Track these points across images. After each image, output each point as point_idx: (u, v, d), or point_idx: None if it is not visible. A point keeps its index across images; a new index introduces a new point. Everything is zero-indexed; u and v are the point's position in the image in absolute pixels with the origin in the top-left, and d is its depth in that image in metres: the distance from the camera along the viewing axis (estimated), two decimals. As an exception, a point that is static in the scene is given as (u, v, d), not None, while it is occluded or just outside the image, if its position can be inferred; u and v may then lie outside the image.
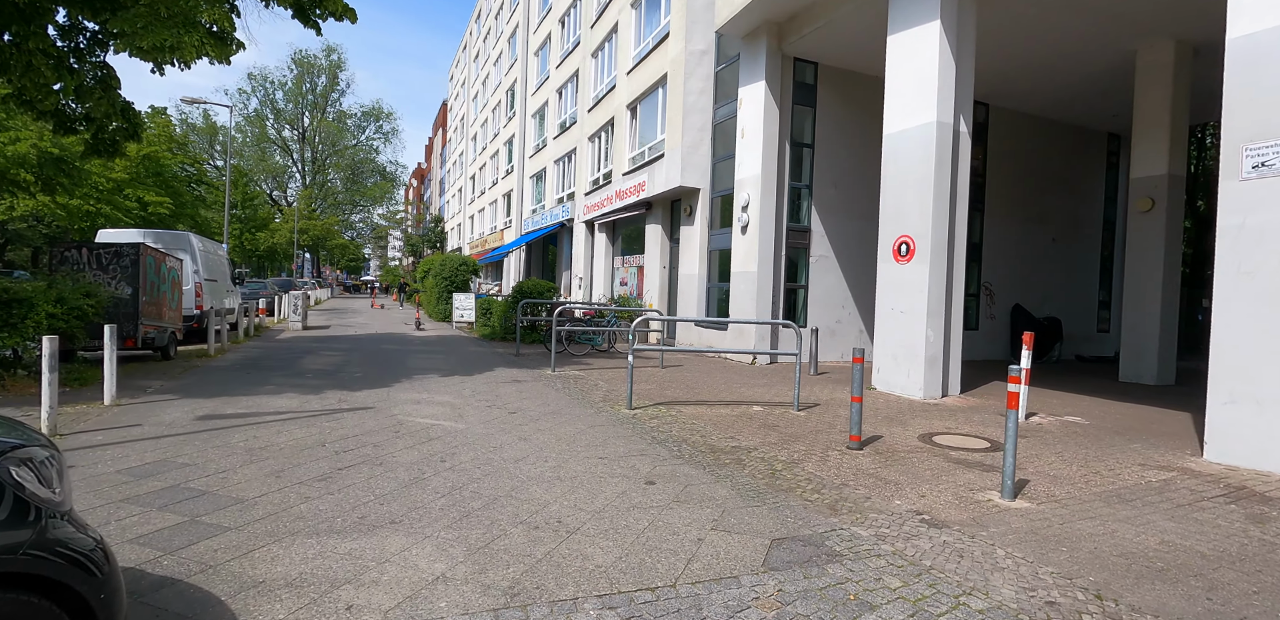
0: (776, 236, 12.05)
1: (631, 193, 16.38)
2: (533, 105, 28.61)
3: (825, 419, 7.03)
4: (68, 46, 10.23)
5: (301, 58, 63.68)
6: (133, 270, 10.48)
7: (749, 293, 12.01)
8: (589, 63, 20.95)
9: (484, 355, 12.63)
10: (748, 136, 12.15)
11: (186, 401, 7.29)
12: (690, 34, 13.66)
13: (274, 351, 12.74)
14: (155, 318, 11.11)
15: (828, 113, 12.50)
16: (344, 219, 68.85)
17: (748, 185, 12.11)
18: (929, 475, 4.95)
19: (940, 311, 8.32)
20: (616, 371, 10.57)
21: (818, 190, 12.53)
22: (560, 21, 24.51)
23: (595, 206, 19.50)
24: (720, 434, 6.18)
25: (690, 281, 14.30)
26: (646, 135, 16.26)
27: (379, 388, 8.45)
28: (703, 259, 13.99)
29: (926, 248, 8.21)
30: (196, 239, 14.49)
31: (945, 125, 8.19)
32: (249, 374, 9.64)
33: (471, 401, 7.59)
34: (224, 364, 10.82)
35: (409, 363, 11.20)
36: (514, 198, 31.44)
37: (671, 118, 14.20)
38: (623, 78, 17.57)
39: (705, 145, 13.90)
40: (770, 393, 8.76)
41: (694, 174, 13.82)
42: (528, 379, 9.53)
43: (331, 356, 11.96)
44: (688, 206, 14.36)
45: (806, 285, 12.59)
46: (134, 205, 37.02)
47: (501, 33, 35.59)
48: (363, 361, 11.30)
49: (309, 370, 10.07)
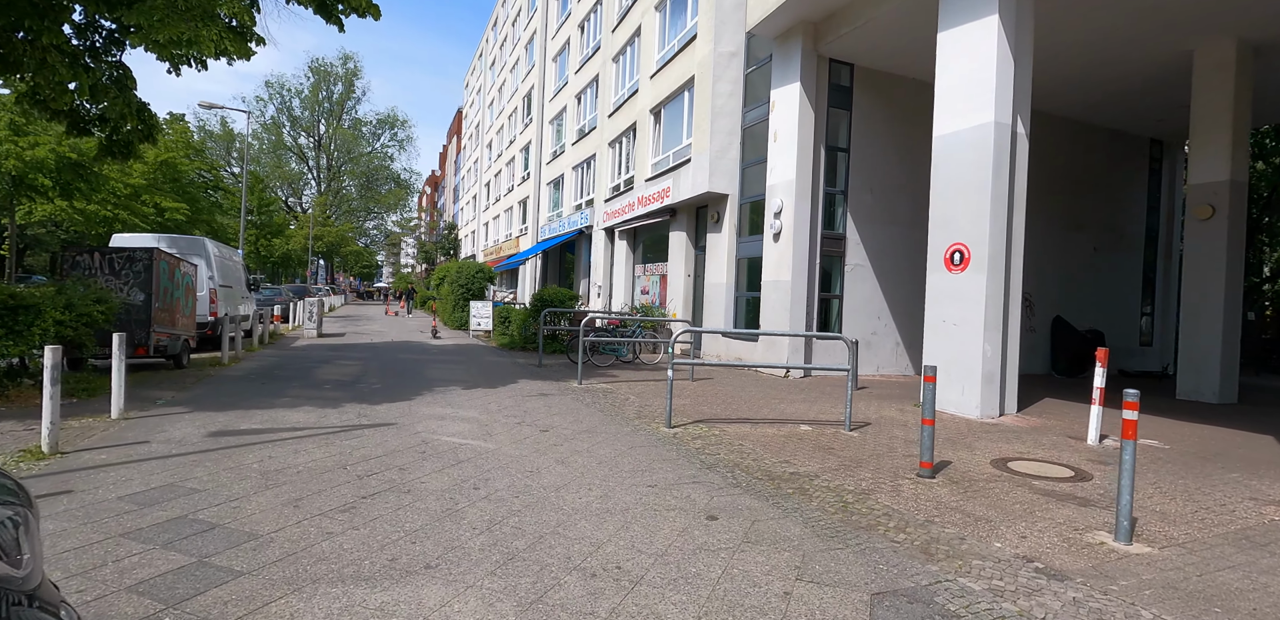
0: (811, 244, 11.55)
1: (655, 199, 15.95)
2: (550, 111, 28.33)
3: (882, 440, 6.50)
4: (83, 45, 9.96)
5: (318, 66, 64.13)
6: (146, 276, 10.13)
7: (781, 302, 11.51)
8: (609, 67, 20.61)
9: (505, 366, 12.18)
10: (780, 140, 11.69)
11: (198, 415, 6.86)
12: (719, 35, 13.25)
13: (289, 360, 12.35)
14: (168, 325, 10.75)
15: (864, 116, 12.03)
16: (358, 226, 69.02)
17: (780, 191, 11.64)
18: (1020, 510, 4.41)
19: (998, 324, 7.78)
20: (646, 385, 10.08)
21: (853, 196, 12.04)
22: (580, 26, 24.24)
23: (615, 213, 19.09)
24: (773, 457, 5.67)
25: (717, 290, 13.82)
26: (671, 140, 15.85)
27: (400, 401, 8.00)
28: (731, 267, 13.51)
29: (983, 256, 7.68)
30: (212, 244, 14.18)
31: (1003, 126, 7.69)
32: (264, 384, 9.23)
33: (499, 417, 7.11)
34: (238, 373, 10.42)
35: (429, 373, 10.76)
36: (530, 204, 31.12)
37: (699, 121, 13.77)
38: (645, 82, 17.19)
39: (734, 150, 13.45)
40: (814, 409, 8.23)
41: (722, 179, 13.37)
42: (554, 392, 9.05)
43: (349, 366, 11.55)
44: (714, 213, 13.90)
45: (841, 295, 12.07)
46: (151, 211, 37.04)
47: (519, 39, 35.44)
48: (381, 372, 10.88)
49: (326, 381, 9.65)
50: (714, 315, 13.90)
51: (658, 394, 9.18)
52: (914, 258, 12.53)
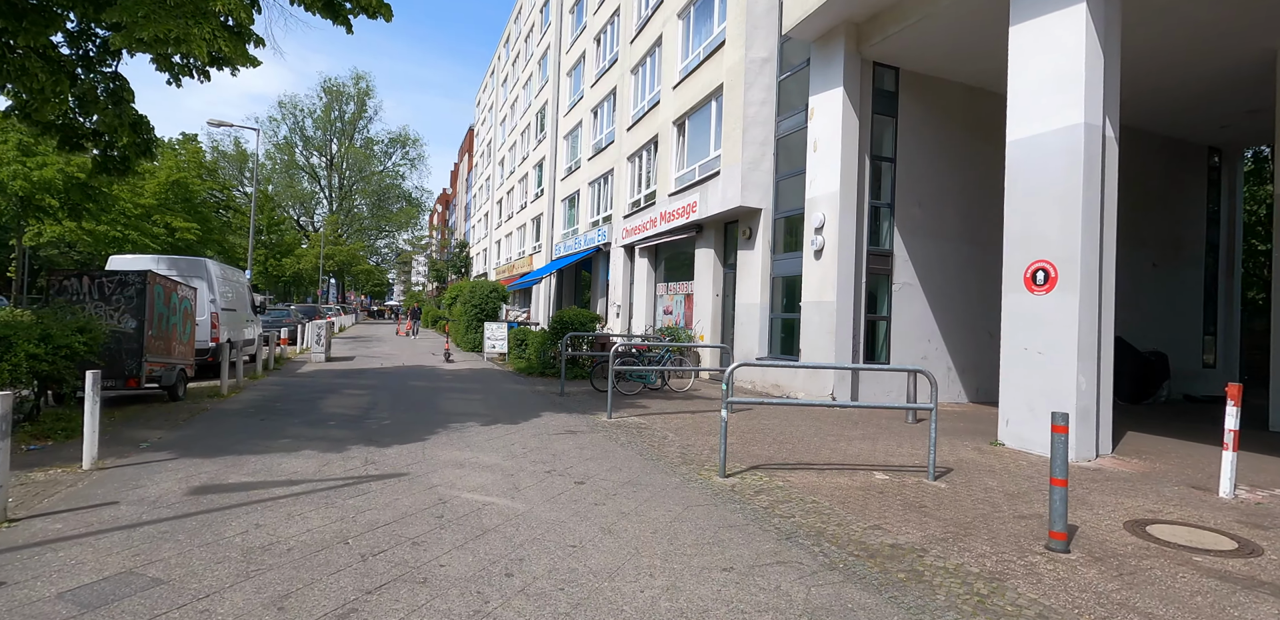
0: (856, 261, 10.64)
1: (679, 214, 15.12)
2: (565, 127, 27.75)
3: (977, 494, 5.52)
4: (75, 54, 9.30)
5: (331, 86, 64.43)
6: (138, 301, 9.35)
7: (824, 325, 10.57)
8: (628, 80, 19.96)
9: (524, 395, 11.27)
10: (821, 150, 10.85)
11: (183, 464, 5.99)
12: (750, 41, 12.50)
13: (294, 390, 11.50)
14: (163, 354, 9.95)
15: (910, 123, 11.18)
16: (369, 244, 68.81)
17: (822, 204, 10.77)
18: (1207, 608, 3.43)
19: (1092, 352, 6.81)
20: (682, 418, 9.13)
21: (900, 210, 11.14)
22: (595, 39, 23.70)
23: (635, 230, 18.28)
24: (860, 521, 4.71)
25: (750, 311, 12.90)
26: (697, 152, 15.06)
27: (412, 441, 7.10)
28: (764, 286, 12.60)
29: (1074, 274, 6.74)
30: (215, 265, 13.44)
31: (1094, 129, 6.80)
32: (263, 421, 8.36)
33: (525, 464, 6.19)
34: (236, 406, 9.58)
35: (443, 405, 9.87)
36: (544, 222, 30.44)
37: (729, 132, 12.97)
38: (667, 93, 16.47)
39: (767, 161, 12.63)
40: (879, 450, 7.25)
41: (755, 193, 12.53)
42: (583, 429, 8.13)
43: (356, 396, 10.68)
44: (746, 229, 13.04)
45: (889, 317, 11.12)
46: (161, 231, 36.74)
47: (532, 55, 35.08)
48: (391, 403, 10.00)
49: (331, 415, 8.77)
50: (747, 338, 12.96)
51: (698, 430, 8.24)
52: (966, 275, 11.60)
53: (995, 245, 11.90)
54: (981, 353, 11.82)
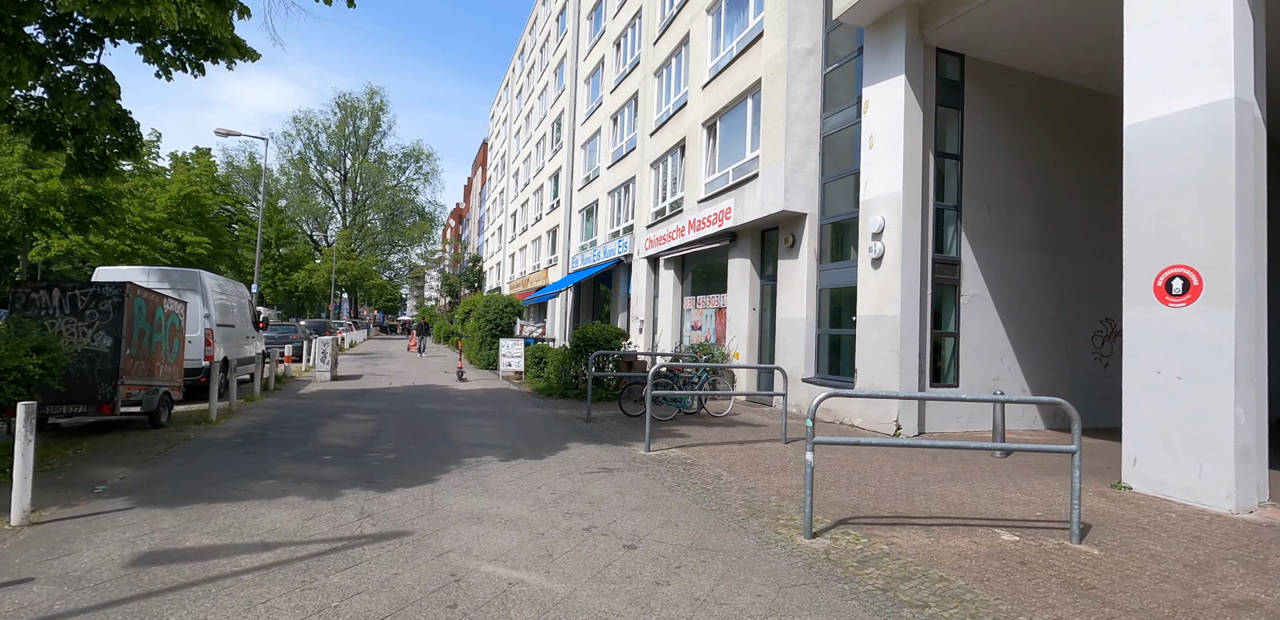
0: (922, 271, 9.44)
1: (710, 222, 13.99)
2: (582, 135, 26.83)
3: (1143, 563, 4.26)
4: (51, 42, 8.37)
5: (345, 101, 64.36)
6: (115, 316, 8.30)
7: (886, 342, 9.34)
8: (650, 83, 18.98)
9: (546, 421, 10.09)
10: (879, 146, 9.70)
11: (139, 516, 4.85)
12: (792, 31, 11.43)
13: (291, 414, 10.39)
14: (143, 375, 8.88)
15: (977, 116, 10.02)
16: (382, 259, 68.26)
17: (881, 207, 9.60)
18: None
19: (1253, 378, 5.55)
20: (730, 451, 7.90)
21: (967, 213, 9.95)
22: (615, 44, 22.82)
23: (660, 240, 17.17)
24: (1012, 607, 3.47)
25: (793, 327, 11.68)
26: (730, 155, 13.97)
27: (418, 483, 5.93)
28: (810, 299, 11.40)
29: (1227, 284, 5.51)
30: (210, 278, 12.43)
31: (1247, 105, 5.60)
32: (248, 454, 7.23)
33: (557, 517, 5.00)
34: (224, 435, 8.46)
35: (455, 433, 8.70)
36: (560, 234, 29.44)
37: (768, 130, 11.86)
38: (696, 93, 15.44)
39: (812, 161, 11.49)
40: (981, 496, 5.99)
41: (799, 196, 11.38)
42: (619, 465, 6.92)
43: (359, 422, 9.54)
44: (788, 236, 11.87)
45: (957, 332, 9.87)
46: (172, 245, 36.09)
47: (547, 64, 34.38)
48: (397, 431, 8.84)
49: (328, 447, 7.63)
50: (790, 355, 11.73)
51: (754, 466, 7.01)
52: (1040, 286, 10.36)
53: (1072, 252, 10.71)
54: (1059, 373, 10.53)
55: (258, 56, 9.79)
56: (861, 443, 4.67)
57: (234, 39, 9.43)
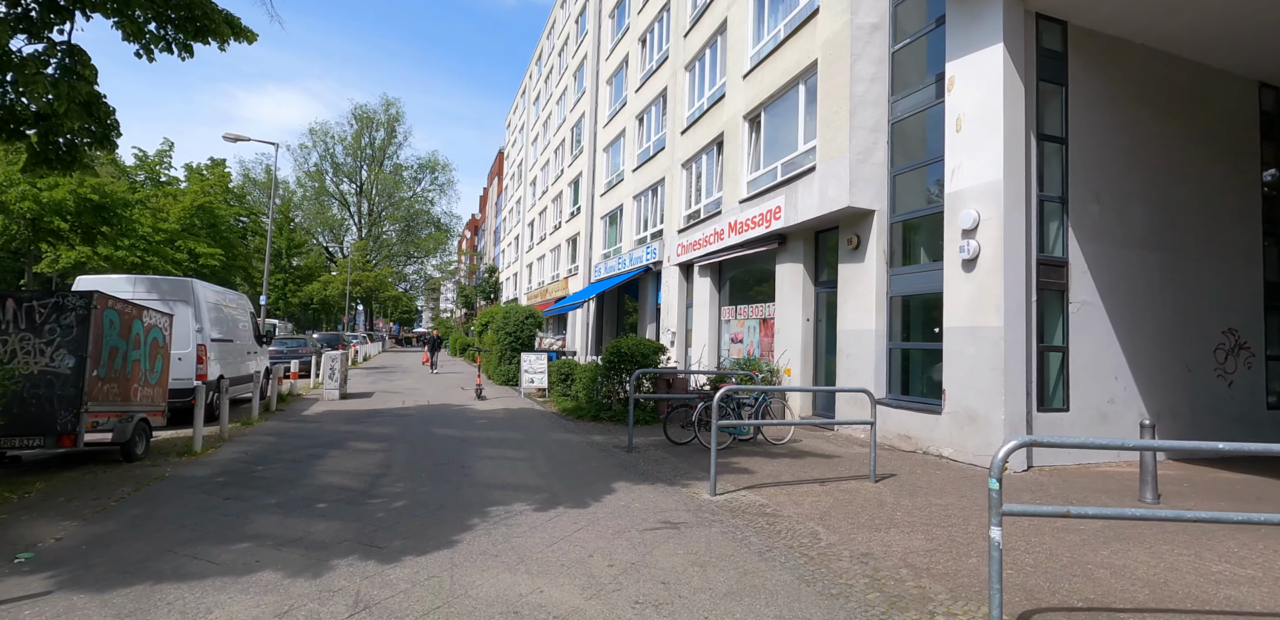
0: (1027, 273, 7.98)
1: (755, 223, 12.61)
2: (604, 138, 25.63)
3: None
4: (12, 13, 7.23)
5: (361, 113, 64.01)
6: (79, 331, 7.05)
7: (985, 358, 7.88)
8: (681, 78, 17.72)
9: (581, 450, 8.69)
10: (970, 129, 8.29)
11: (49, 609, 3.51)
12: (855, 4, 10.09)
13: (289, 442, 9.07)
14: (115, 400, 7.62)
15: (1083, 94, 8.59)
16: (398, 270, 67.53)
17: (974, 199, 8.17)
18: None
19: None
20: (814, 493, 6.45)
21: (1074, 206, 8.49)
22: (640, 40, 21.63)
23: (693, 245, 15.81)
24: None
25: (860, 340, 10.23)
26: (779, 148, 12.61)
27: (432, 548, 4.55)
28: (879, 308, 9.95)
29: None
30: (204, 287, 11.22)
31: None
32: (227, 501, 5.91)
33: (623, 608, 3.59)
34: (205, 472, 7.15)
35: (478, 468, 7.32)
36: (581, 242, 28.20)
37: (828, 117, 10.49)
38: (736, 84, 14.13)
39: (880, 151, 10.09)
40: (1177, 565, 4.50)
41: (866, 190, 9.97)
42: (685, 517, 5.50)
43: (365, 453, 8.19)
44: (851, 237, 10.45)
45: (1065, 346, 8.37)
46: (184, 257, 35.25)
47: (566, 68, 33.34)
48: (409, 465, 7.48)
49: (325, 489, 6.28)
50: (855, 372, 10.27)
51: (852, 518, 5.56)
52: (1156, 292, 8.87)
53: (1191, 252, 9.15)
54: (1178, 395, 8.99)
55: (254, 37, 8.67)
56: (1074, 513, 3.22)
57: (226, 16, 8.29)
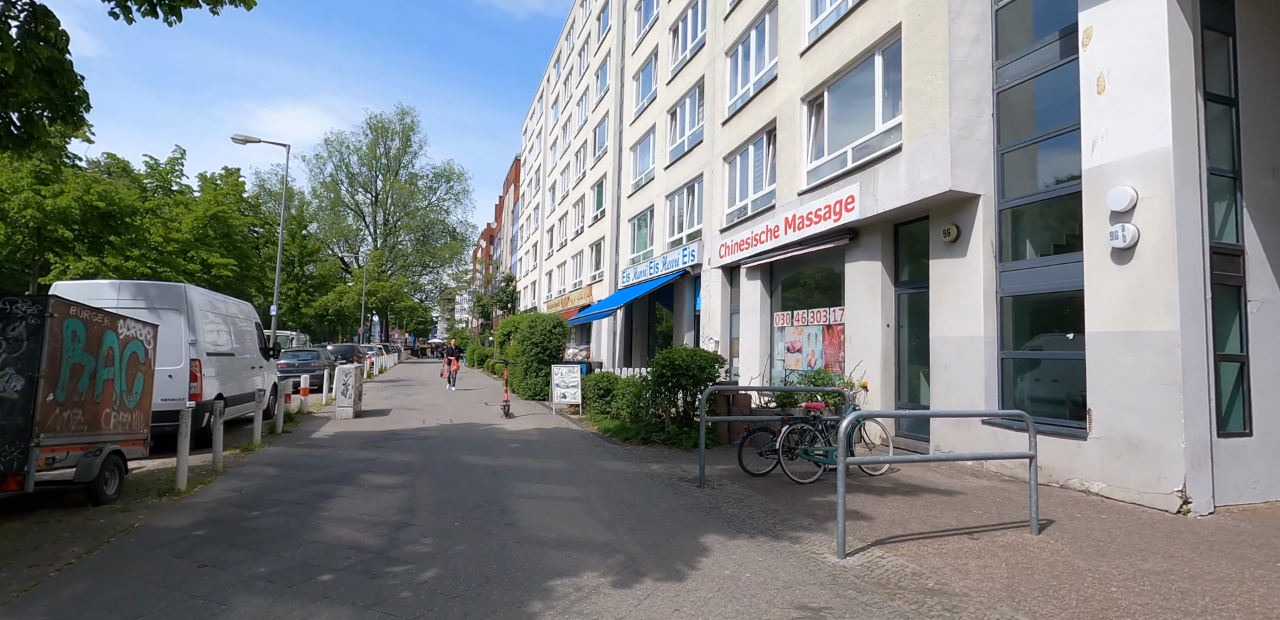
0: (1200, 264, 6.40)
1: (820, 217, 11.10)
2: (631, 137, 24.27)
3: None
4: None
5: (376, 123, 63.36)
6: (30, 346, 5.68)
7: (1151, 371, 6.29)
8: (721, 65, 16.31)
9: (642, 484, 7.16)
10: (1117, 88, 6.75)
11: None
12: (951, -45, 8.61)
13: (294, 474, 7.62)
14: (80, 429, 6.22)
15: (1255, 44, 7.04)
16: (413, 281, 66.57)
17: (1129, 173, 6.61)
18: None
19: None
20: (971, 553, 4.87)
21: (1247, 181, 6.91)
22: (671, 29, 20.28)
23: (740, 245, 14.32)
24: None
25: (960, 348, 8.65)
26: (849, 131, 11.11)
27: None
28: (988, 311, 8.37)
29: None
30: (200, 293, 9.88)
31: None
32: (203, 569, 4.45)
33: None
34: (182, 521, 5.70)
35: (522, 513, 5.81)
36: (606, 246, 26.79)
37: (918, 88, 8.99)
38: (791, 64, 12.68)
39: (984, 126, 8.56)
40: None
41: (970, 171, 8.44)
42: (826, 599, 3.96)
43: (383, 492, 6.71)
44: (948, 227, 8.90)
45: (1245, 354, 6.76)
46: (197, 267, 34.29)
47: (588, 67, 32.10)
48: (436, 512, 5.99)
49: (332, 550, 4.79)
50: (956, 387, 8.68)
51: (1044, 590, 4.00)
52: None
53: None
54: (1375, 412, 7.31)
55: (253, 3, 7.38)
56: None
57: (219, -30, 6.99)
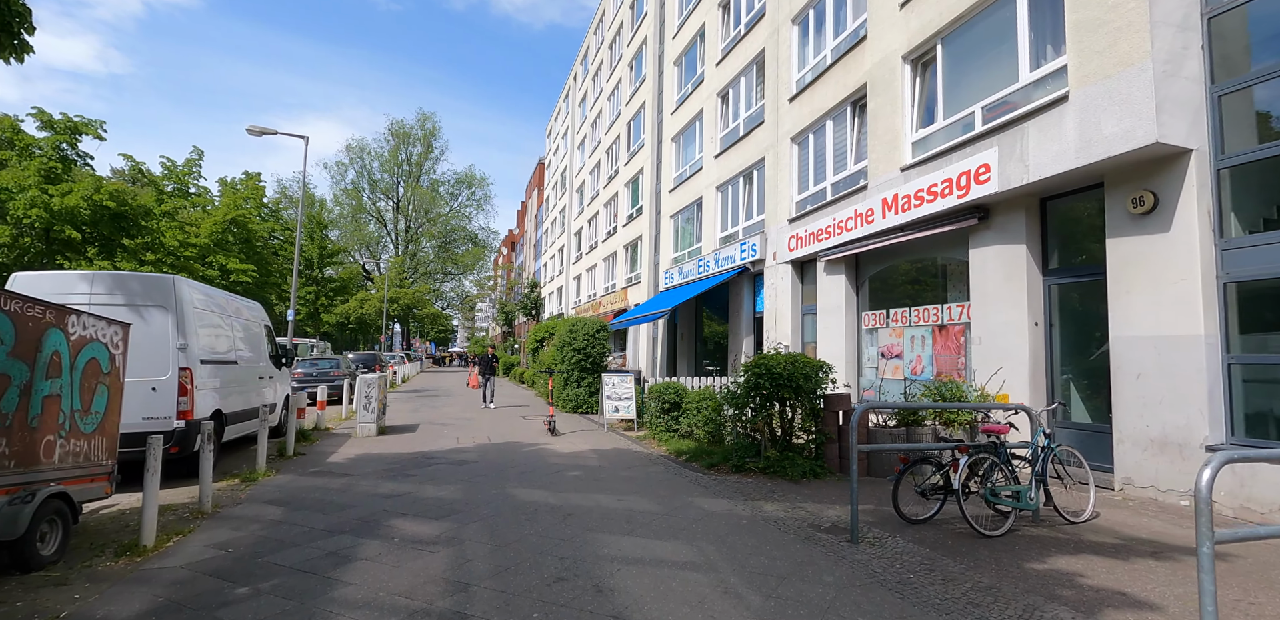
0: None
1: (937, 194, 9.17)
2: (673, 127, 22.46)
3: None
4: None
5: (398, 129, 62.51)
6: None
7: None
8: (786, 34, 14.45)
9: (769, 537, 5.21)
10: None
11: None
12: None
13: (302, 520, 5.78)
14: (3, 465, 4.45)
15: None
16: (435, 288, 65.42)
17: None
18: None
19: None
20: None
21: None
22: (722, 5, 18.49)
23: (816, 235, 12.40)
24: None
25: (1162, 351, 6.63)
26: (976, 88, 9.17)
27: None
28: (1206, 302, 6.36)
29: None
30: (193, 288, 8.13)
31: None
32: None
33: None
34: (139, 603, 3.84)
35: (629, 597, 3.85)
36: (644, 246, 24.95)
37: (1098, 15, 7.03)
38: (883, 20, 10.79)
39: (1193, 61, 6.59)
40: None
41: (1179, 119, 6.46)
42: None
43: (419, 553, 4.81)
44: (1140, 195, 6.90)
45: None
46: (214, 272, 33.01)
47: (620, 58, 30.44)
48: (500, 591, 4.05)
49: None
50: (1155, 403, 6.65)
51: None
52: None
53: None
54: None
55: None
56: None
57: None
